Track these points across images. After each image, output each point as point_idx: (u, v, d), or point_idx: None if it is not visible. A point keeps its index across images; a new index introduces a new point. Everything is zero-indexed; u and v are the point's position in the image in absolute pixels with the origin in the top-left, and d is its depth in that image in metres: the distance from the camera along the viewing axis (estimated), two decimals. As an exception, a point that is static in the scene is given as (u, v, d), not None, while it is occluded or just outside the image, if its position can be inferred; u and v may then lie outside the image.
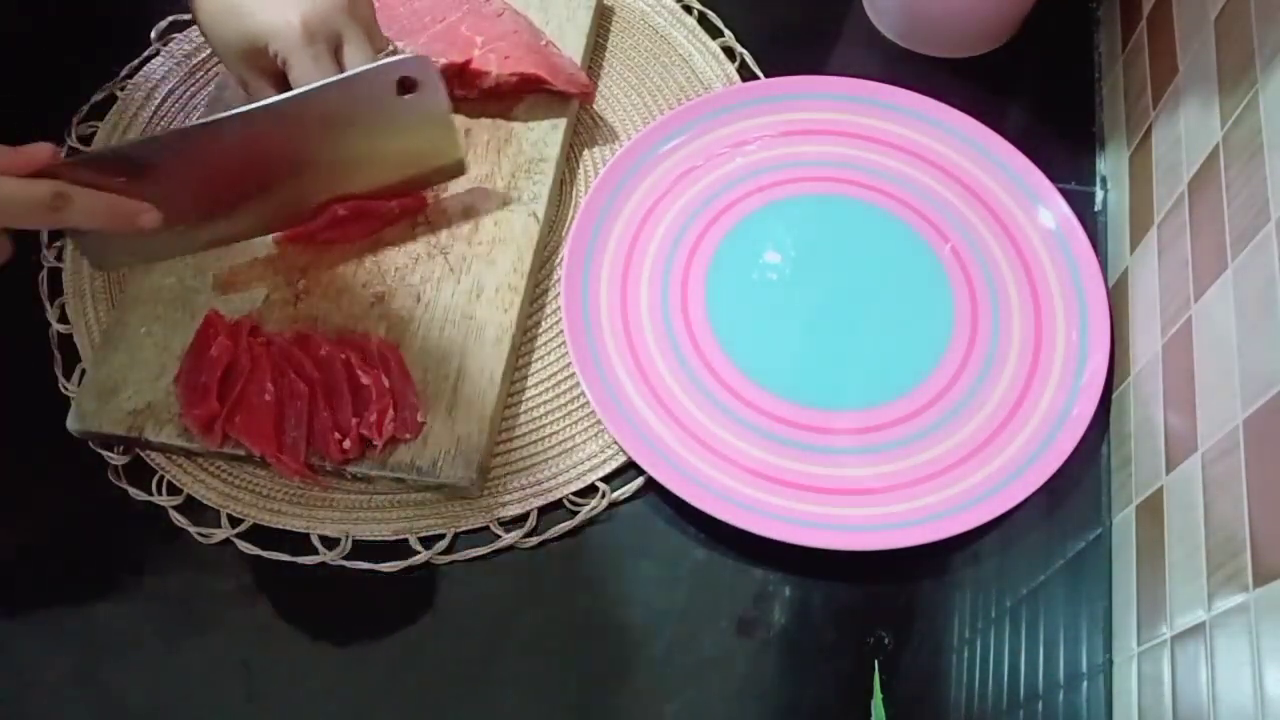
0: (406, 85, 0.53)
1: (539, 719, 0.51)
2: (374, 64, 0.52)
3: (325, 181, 0.57)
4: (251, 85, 0.55)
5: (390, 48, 0.56)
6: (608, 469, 0.56)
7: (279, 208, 0.58)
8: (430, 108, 0.55)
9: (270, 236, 0.60)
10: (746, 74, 0.70)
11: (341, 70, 0.53)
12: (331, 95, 0.52)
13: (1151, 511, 0.50)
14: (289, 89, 0.53)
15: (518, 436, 0.57)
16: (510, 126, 0.65)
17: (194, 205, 0.55)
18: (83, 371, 0.59)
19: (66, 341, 0.60)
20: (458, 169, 0.60)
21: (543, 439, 0.57)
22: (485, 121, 0.65)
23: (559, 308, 0.60)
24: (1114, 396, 0.57)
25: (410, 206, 0.61)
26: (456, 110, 0.64)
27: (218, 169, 0.53)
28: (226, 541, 0.55)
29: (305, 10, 0.51)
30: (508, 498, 0.56)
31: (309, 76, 0.52)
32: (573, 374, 0.58)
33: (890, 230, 0.63)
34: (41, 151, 0.47)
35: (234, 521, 0.55)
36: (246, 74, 0.54)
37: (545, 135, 0.64)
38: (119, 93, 0.69)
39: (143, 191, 0.51)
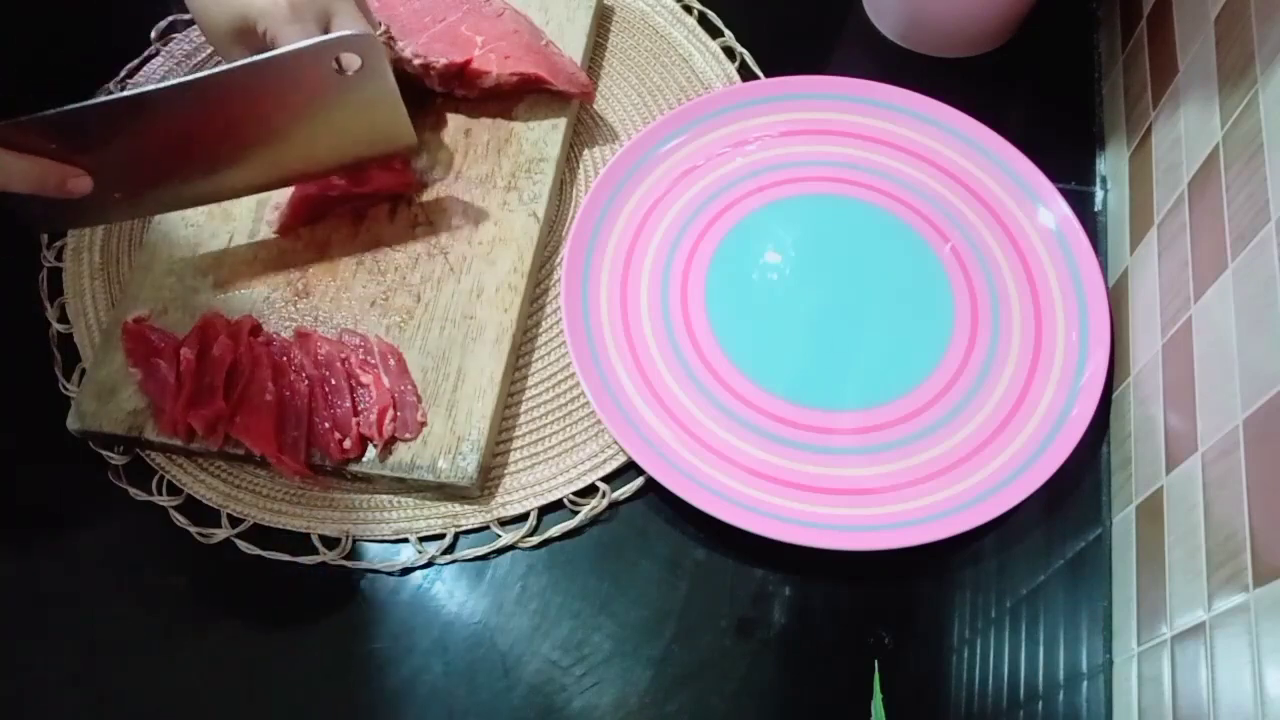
0: (349, 63, 0.52)
1: (538, 718, 0.51)
2: (312, 41, 0.50)
3: (272, 157, 0.56)
4: None
5: (383, 29, 0.56)
6: (608, 469, 0.56)
7: (221, 181, 0.57)
8: (375, 86, 0.54)
9: (266, 234, 0.60)
10: (746, 74, 0.70)
11: None
12: (268, 71, 0.51)
13: (1151, 511, 0.50)
14: None
15: (518, 436, 0.57)
16: (510, 126, 0.65)
17: (132, 173, 0.54)
18: (83, 371, 0.59)
19: (66, 341, 0.60)
20: (410, 146, 0.59)
21: (543, 439, 0.57)
22: (485, 121, 0.65)
23: (559, 308, 0.60)
24: (1114, 396, 0.57)
25: (394, 187, 0.60)
26: (456, 110, 0.65)
27: (154, 139, 0.53)
28: (226, 541, 0.55)
29: None
30: (508, 498, 0.56)
31: None
32: (573, 374, 0.58)
33: (890, 230, 0.63)
34: None
35: (234, 521, 0.55)
36: (238, 56, 0.54)
37: (545, 135, 0.64)
38: (119, 93, 0.68)
39: (76, 157, 0.51)
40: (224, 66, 0.51)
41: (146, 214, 0.60)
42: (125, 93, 0.50)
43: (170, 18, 0.72)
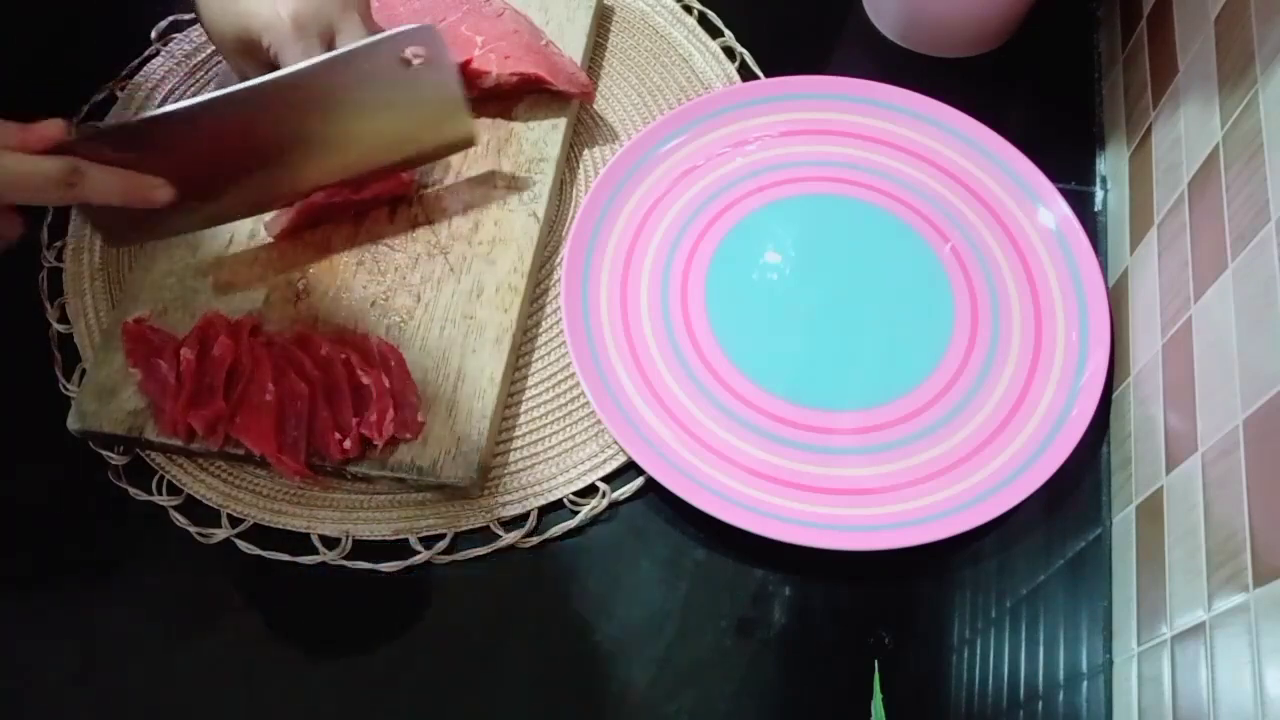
0: (413, 58, 0.53)
1: (538, 718, 0.51)
2: (379, 36, 0.51)
3: (338, 156, 0.57)
4: (249, 77, 0.55)
5: None
6: (608, 469, 0.56)
7: (290, 183, 0.58)
8: (438, 80, 0.54)
9: (265, 235, 0.60)
10: (746, 74, 0.70)
11: None
12: (338, 70, 0.51)
13: (1151, 511, 0.50)
14: None
15: (518, 436, 0.57)
16: (510, 126, 0.65)
17: (205, 179, 0.55)
18: (83, 371, 0.59)
19: (66, 341, 0.60)
20: (468, 141, 0.60)
21: (543, 439, 0.57)
22: (485, 121, 0.65)
23: (559, 308, 0.60)
24: (1114, 396, 0.57)
25: (394, 190, 0.61)
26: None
27: (227, 144, 0.53)
28: (226, 541, 0.55)
29: (296, 3, 0.51)
30: (508, 498, 0.56)
31: None
32: (573, 374, 0.58)
33: (890, 230, 0.63)
34: (54, 128, 0.47)
35: (234, 521, 0.55)
36: (244, 66, 0.54)
37: (545, 135, 0.64)
38: (119, 93, 0.69)
39: (155, 166, 0.51)
40: (296, 67, 0.51)
41: (219, 223, 0.59)
42: (204, 98, 0.51)
43: (170, 18, 0.72)
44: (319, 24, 0.52)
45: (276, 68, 0.53)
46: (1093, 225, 0.63)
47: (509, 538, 0.55)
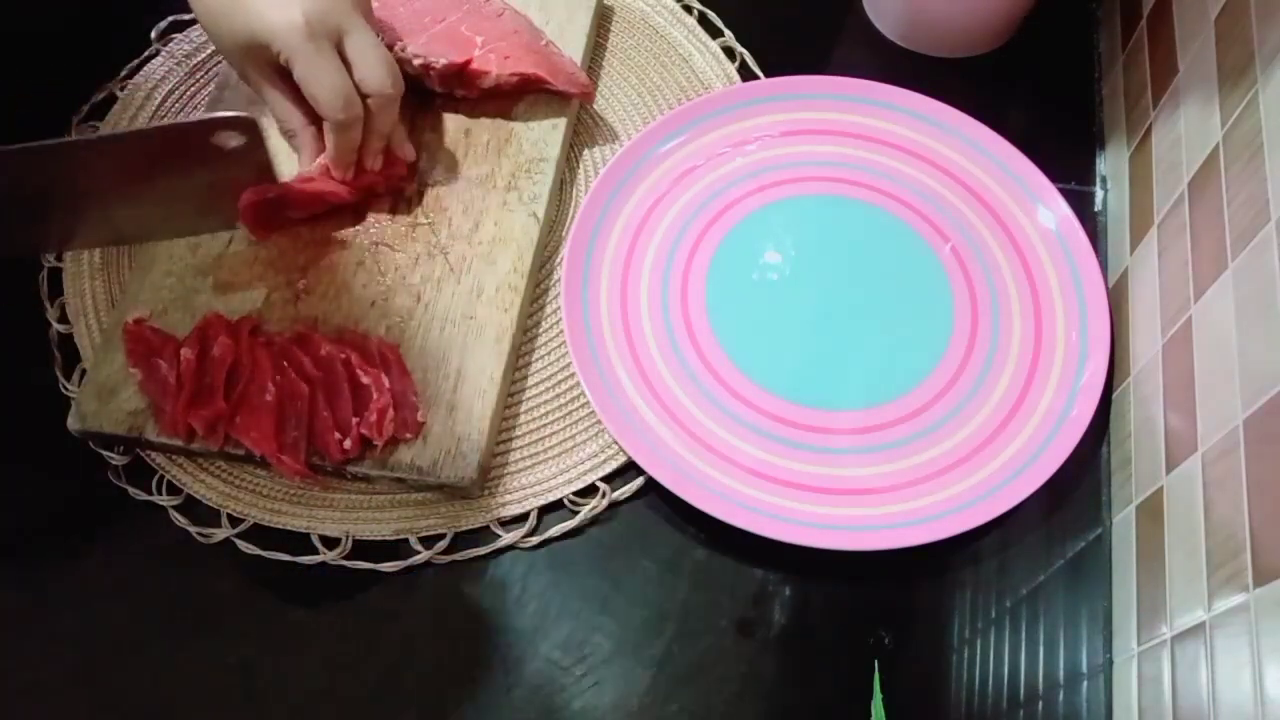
0: (227, 140, 0.54)
1: (538, 718, 0.51)
2: (193, 119, 0.53)
3: (149, 214, 0.58)
4: (254, 81, 0.55)
5: (383, 39, 0.57)
6: (608, 469, 0.56)
7: (116, 231, 0.60)
8: (252, 166, 0.56)
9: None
10: (746, 74, 0.70)
11: (345, 64, 0.53)
12: (147, 142, 0.53)
13: (1151, 511, 0.50)
14: (293, 84, 0.54)
15: (518, 436, 0.57)
16: (510, 126, 0.65)
17: (21, 218, 0.57)
18: (83, 371, 0.59)
19: (66, 341, 0.60)
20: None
21: (543, 439, 0.57)
22: (485, 121, 0.65)
23: (559, 308, 0.60)
24: (1114, 397, 0.57)
25: (338, 193, 0.60)
26: (456, 110, 0.65)
27: (39, 191, 0.55)
28: (226, 541, 0.55)
29: (307, 7, 0.51)
30: (508, 498, 0.56)
31: (312, 72, 0.52)
32: (573, 374, 0.58)
33: (890, 230, 0.63)
34: None
35: (234, 521, 0.55)
36: (249, 70, 0.55)
37: (545, 135, 0.64)
38: (119, 93, 0.68)
39: None
40: (105, 133, 0.54)
41: (73, 249, 0.62)
42: (15, 146, 0.52)
43: (170, 18, 0.72)
44: (327, 26, 0.52)
45: (285, 71, 0.53)
46: (1093, 225, 0.63)
47: (509, 538, 0.55)
